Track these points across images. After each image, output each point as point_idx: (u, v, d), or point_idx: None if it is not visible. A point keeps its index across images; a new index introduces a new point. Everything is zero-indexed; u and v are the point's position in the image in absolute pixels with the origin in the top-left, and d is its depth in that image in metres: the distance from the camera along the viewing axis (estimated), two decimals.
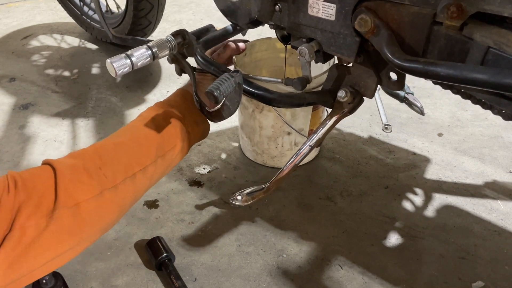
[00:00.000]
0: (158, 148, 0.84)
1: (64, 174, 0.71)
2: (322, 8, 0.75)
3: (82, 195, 0.70)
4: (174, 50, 0.89)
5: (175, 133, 0.87)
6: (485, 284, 1.05)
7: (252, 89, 0.85)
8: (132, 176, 0.78)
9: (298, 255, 1.13)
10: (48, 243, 0.68)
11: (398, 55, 0.65)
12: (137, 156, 0.81)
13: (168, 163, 0.87)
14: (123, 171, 0.77)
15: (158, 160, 0.83)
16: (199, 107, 0.86)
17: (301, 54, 0.81)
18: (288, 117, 1.28)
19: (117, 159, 0.78)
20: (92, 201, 0.71)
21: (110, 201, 0.74)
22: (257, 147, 1.40)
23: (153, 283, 1.07)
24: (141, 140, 0.83)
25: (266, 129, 1.33)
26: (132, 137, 0.83)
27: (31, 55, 2.12)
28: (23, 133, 1.59)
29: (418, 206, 1.27)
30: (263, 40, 1.41)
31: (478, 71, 0.54)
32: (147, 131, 0.84)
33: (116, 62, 0.79)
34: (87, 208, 0.71)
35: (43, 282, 1.00)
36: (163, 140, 0.85)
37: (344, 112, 0.88)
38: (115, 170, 0.76)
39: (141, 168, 0.80)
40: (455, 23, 0.60)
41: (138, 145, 0.82)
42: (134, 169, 0.79)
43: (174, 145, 0.86)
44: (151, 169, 0.82)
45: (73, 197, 0.69)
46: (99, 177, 0.73)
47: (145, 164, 0.81)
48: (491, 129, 1.57)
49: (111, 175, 0.75)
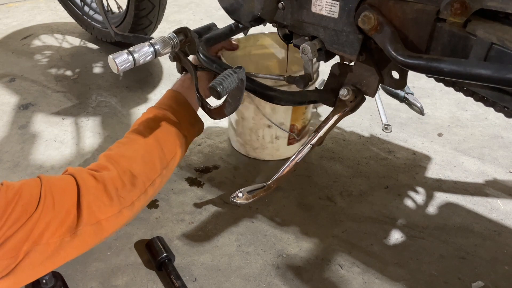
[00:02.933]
0: (161, 161, 0.89)
1: (88, 194, 0.78)
2: (325, 6, 0.76)
3: (103, 214, 0.78)
4: (176, 47, 0.89)
5: (174, 142, 0.92)
6: (485, 284, 1.05)
7: (254, 86, 0.85)
8: (145, 192, 0.86)
9: (298, 255, 1.13)
10: (70, 254, 0.77)
11: (401, 52, 0.65)
12: (145, 174, 0.87)
13: (171, 171, 0.94)
14: (138, 190, 0.84)
15: (163, 171, 0.90)
16: (200, 104, 0.86)
17: (304, 52, 0.81)
18: (268, 110, 1.28)
19: (131, 181, 0.85)
20: (112, 219, 0.80)
21: (127, 217, 0.83)
22: (240, 137, 1.42)
23: (153, 283, 1.06)
24: (146, 158, 0.88)
25: (247, 121, 1.34)
26: (137, 154, 0.88)
27: (31, 55, 2.12)
28: (23, 133, 1.59)
29: (418, 206, 1.26)
30: (257, 35, 1.43)
31: (481, 67, 0.54)
32: (148, 145, 0.90)
33: (119, 58, 0.79)
34: (107, 225, 0.79)
35: (43, 282, 1.00)
36: (163, 152, 0.90)
37: (346, 111, 0.88)
38: (130, 191, 0.84)
39: (151, 183, 0.87)
40: (459, 20, 0.61)
41: (144, 162, 0.87)
42: (145, 185, 0.86)
43: (174, 153, 0.92)
44: (158, 181, 0.89)
45: (96, 215, 0.77)
46: (119, 199, 0.81)
47: (153, 178, 0.87)
48: (491, 129, 1.57)
49: (128, 196, 0.83)
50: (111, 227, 0.81)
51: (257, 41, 1.44)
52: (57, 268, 1.02)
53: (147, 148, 0.89)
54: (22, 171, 1.40)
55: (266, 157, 1.43)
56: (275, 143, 1.39)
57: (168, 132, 0.91)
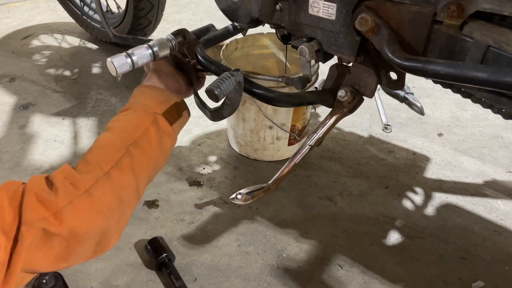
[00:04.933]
0: (122, 139, 0.80)
1: (30, 194, 0.70)
2: (322, 7, 0.76)
3: (49, 210, 0.69)
4: (174, 49, 0.89)
5: (139, 119, 0.83)
6: (485, 284, 1.05)
7: (252, 88, 0.85)
8: (107, 175, 0.76)
9: (298, 255, 1.13)
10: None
11: (398, 54, 0.65)
12: (100, 157, 0.78)
13: (149, 148, 0.83)
14: (93, 175, 0.75)
15: (130, 149, 0.79)
16: (199, 107, 0.86)
17: (302, 53, 0.81)
18: (270, 111, 1.29)
19: (83, 169, 0.76)
20: (65, 210, 0.70)
21: (85, 206, 0.73)
22: (240, 139, 1.42)
23: (153, 283, 1.07)
24: (101, 142, 0.80)
25: (249, 122, 1.35)
26: (93, 144, 0.81)
27: (31, 55, 2.12)
28: (23, 133, 1.59)
29: (418, 206, 1.27)
30: (256, 35, 1.43)
31: (478, 70, 0.54)
32: (106, 132, 0.82)
33: (117, 61, 0.79)
34: (67, 217, 0.70)
35: (43, 282, 1.00)
36: (123, 130, 0.82)
37: (344, 112, 0.88)
38: (80, 179, 0.74)
39: (112, 165, 0.77)
40: (455, 22, 0.61)
41: (98, 148, 0.80)
42: (104, 168, 0.76)
43: (144, 128, 0.82)
44: (126, 161, 0.78)
45: (38, 212, 0.68)
46: (66, 189, 0.72)
47: (115, 158, 0.77)
48: (491, 129, 1.57)
49: (79, 184, 0.73)
50: (69, 219, 0.70)
51: (256, 41, 1.44)
52: None
53: (104, 134, 0.82)
54: (22, 171, 1.41)
55: (267, 158, 1.43)
56: (276, 144, 1.39)
57: (131, 113, 0.84)
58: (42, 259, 0.69)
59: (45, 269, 0.72)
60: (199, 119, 1.63)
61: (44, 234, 0.68)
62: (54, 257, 0.71)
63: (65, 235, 0.70)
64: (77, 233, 0.71)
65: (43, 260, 0.70)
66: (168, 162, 1.43)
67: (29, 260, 0.67)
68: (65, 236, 0.70)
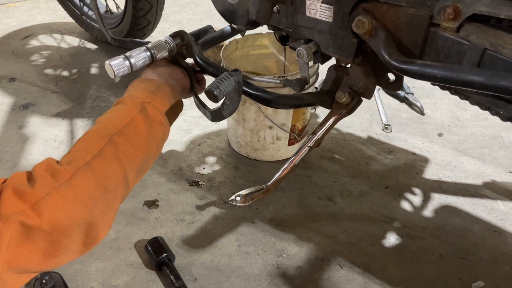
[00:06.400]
0: (106, 128, 0.79)
1: (7, 187, 0.68)
2: (319, 10, 0.75)
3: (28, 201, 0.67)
4: (173, 51, 0.89)
5: (125, 110, 0.82)
6: (485, 284, 1.05)
7: (250, 89, 0.85)
8: (88, 164, 0.74)
9: (298, 255, 1.13)
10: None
11: (395, 57, 0.65)
12: (81, 147, 0.77)
13: (137, 136, 0.80)
14: (74, 165, 0.73)
15: (114, 138, 0.78)
16: (199, 107, 0.87)
17: (299, 55, 0.81)
18: (270, 112, 1.29)
19: (64, 160, 0.75)
20: (44, 201, 0.68)
21: (65, 196, 0.70)
22: (240, 139, 1.42)
23: (153, 283, 1.07)
24: (86, 135, 0.79)
25: (249, 122, 1.35)
26: (79, 139, 0.80)
27: (31, 55, 2.12)
28: (23, 133, 1.59)
29: (418, 206, 1.26)
30: (255, 35, 1.43)
31: (474, 73, 0.54)
32: (93, 126, 0.81)
33: (115, 63, 0.79)
34: (44, 208, 0.68)
35: (43, 282, 1.00)
36: (108, 119, 0.80)
37: (343, 113, 0.88)
38: (60, 169, 0.72)
39: (95, 153, 0.75)
40: (452, 25, 0.61)
41: (81, 140, 0.78)
42: (85, 157, 0.74)
43: (131, 118, 0.80)
44: (109, 149, 0.77)
45: (15, 205, 0.66)
46: (43, 180, 0.70)
47: (98, 148, 0.76)
48: (491, 129, 1.57)
49: (58, 174, 0.71)
50: (48, 211, 0.68)
51: (255, 41, 1.44)
52: (57, 268, 1.04)
53: (91, 128, 0.81)
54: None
55: (267, 158, 1.43)
56: (276, 144, 1.39)
57: (117, 107, 0.84)
58: (28, 255, 0.67)
59: (35, 267, 0.70)
60: (199, 119, 1.63)
61: (23, 229, 0.66)
62: (41, 253, 0.68)
63: (46, 228, 0.67)
64: (58, 225, 0.68)
65: (29, 256, 0.68)
66: (168, 162, 1.43)
67: (15, 258, 0.65)
68: (47, 229, 0.67)
